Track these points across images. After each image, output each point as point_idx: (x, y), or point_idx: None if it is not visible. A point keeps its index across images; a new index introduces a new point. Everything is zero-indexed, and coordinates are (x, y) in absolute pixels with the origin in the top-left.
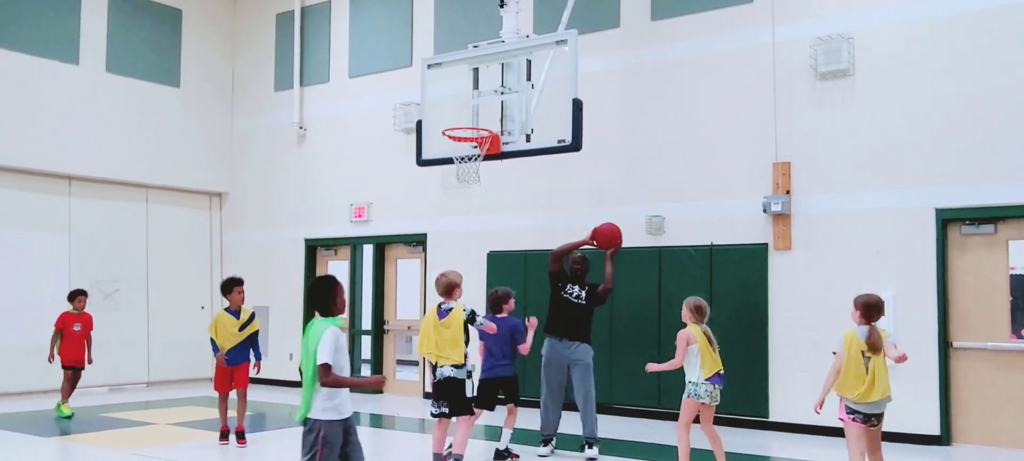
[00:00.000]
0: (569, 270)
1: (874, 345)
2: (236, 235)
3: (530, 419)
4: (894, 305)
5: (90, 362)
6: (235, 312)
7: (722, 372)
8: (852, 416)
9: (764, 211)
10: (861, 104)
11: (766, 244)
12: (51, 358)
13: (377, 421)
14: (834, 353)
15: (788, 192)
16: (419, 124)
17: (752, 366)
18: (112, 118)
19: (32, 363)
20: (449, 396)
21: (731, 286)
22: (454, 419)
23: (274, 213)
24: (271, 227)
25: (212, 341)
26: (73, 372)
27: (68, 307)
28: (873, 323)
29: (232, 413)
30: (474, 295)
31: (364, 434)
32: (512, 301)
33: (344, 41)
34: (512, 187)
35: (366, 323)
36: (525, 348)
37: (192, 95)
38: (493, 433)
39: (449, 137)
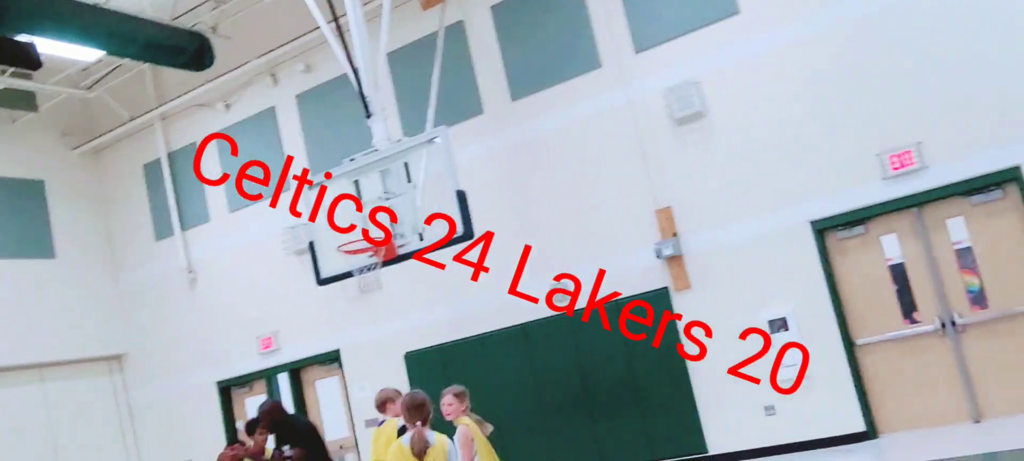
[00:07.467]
0: None
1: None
2: (144, 394)
3: None
4: (795, 318)
5: None
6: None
7: None
8: None
9: (658, 256)
10: (719, 140)
11: (667, 287)
12: None
13: None
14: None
15: (675, 234)
16: (312, 245)
17: (680, 406)
18: None
19: None
20: None
21: (642, 332)
22: None
23: (179, 363)
24: (179, 377)
25: None
26: None
27: None
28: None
29: None
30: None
31: None
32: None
33: (217, 177)
34: (418, 284)
35: None
36: None
37: (70, 262)
38: None
39: (344, 252)
